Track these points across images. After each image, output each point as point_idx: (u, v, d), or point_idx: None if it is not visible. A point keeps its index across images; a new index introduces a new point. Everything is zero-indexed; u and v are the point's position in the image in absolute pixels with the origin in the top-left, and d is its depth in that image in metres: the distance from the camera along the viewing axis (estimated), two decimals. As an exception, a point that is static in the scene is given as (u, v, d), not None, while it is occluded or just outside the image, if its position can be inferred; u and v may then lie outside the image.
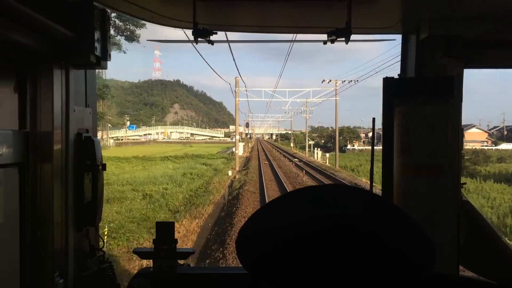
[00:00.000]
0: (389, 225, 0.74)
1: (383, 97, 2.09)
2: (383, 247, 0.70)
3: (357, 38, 2.62)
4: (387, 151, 2.09)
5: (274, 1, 1.82)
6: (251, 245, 0.76)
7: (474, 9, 1.91)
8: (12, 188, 1.50)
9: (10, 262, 1.50)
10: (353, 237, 0.70)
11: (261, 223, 0.78)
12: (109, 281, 1.87)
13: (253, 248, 0.75)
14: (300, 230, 0.72)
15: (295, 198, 0.81)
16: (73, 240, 1.65)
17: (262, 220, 0.79)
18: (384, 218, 0.75)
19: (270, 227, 0.75)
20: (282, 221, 0.75)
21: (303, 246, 0.70)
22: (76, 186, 1.68)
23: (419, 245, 0.73)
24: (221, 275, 1.98)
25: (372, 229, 0.72)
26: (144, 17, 2.06)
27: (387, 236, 0.72)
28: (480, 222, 1.91)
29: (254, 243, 0.76)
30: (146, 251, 1.95)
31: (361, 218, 0.73)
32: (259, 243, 0.75)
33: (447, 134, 1.91)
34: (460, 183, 1.98)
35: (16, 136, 1.49)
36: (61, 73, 1.59)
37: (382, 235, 0.71)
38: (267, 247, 0.73)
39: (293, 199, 0.81)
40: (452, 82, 1.91)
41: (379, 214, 0.75)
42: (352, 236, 0.70)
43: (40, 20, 1.36)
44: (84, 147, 1.72)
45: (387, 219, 0.75)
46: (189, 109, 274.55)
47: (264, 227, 0.77)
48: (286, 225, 0.74)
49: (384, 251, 0.70)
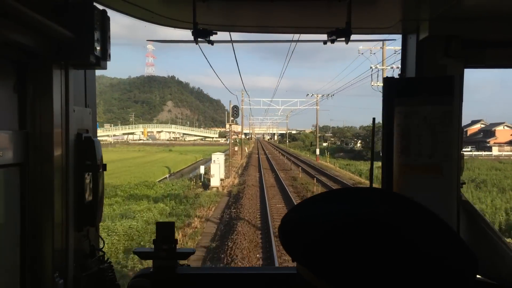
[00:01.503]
0: (432, 232, 0.76)
1: (383, 97, 2.09)
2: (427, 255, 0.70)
3: (357, 38, 2.61)
4: (387, 151, 2.08)
5: (274, 1, 1.82)
6: (299, 235, 0.77)
7: (474, 9, 1.91)
8: (12, 188, 1.50)
9: (10, 262, 1.50)
10: (397, 238, 0.71)
11: (306, 215, 0.80)
12: (109, 281, 1.87)
13: (301, 237, 0.76)
14: (346, 221, 0.74)
15: (337, 195, 0.85)
16: (73, 240, 1.65)
17: (306, 213, 0.81)
18: (427, 225, 0.77)
19: (317, 219, 0.77)
20: (329, 214, 0.77)
21: (349, 237, 0.71)
22: (76, 186, 1.68)
23: (462, 253, 0.74)
24: (221, 275, 1.98)
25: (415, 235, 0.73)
26: (144, 17, 2.06)
27: (431, 243, 0.73)
28: (480, 222, 1.91)
29: (301, 232, 0.77)
30: (146, 251, 1.95)
31: (404, 222, 0.75)
32: (307, 233, 0.76)
33: (447, 134, 1.91)
34: (460, 183, 1.98)
35: (16, 136, 1.49)
36: (61, 73, 1.59)
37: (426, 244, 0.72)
38: (315, 236, 0.74)
39: (334, 196, 0.85)
40: (452, 82, 1.91)
41: (422, 221, 0.78)
42: (395, 237, 0.71)
43: (40, 20, 1.36)
44: (84, 147, 1.72)
45: (430, 226, 0.77)
46: (184, 107, 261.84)
47: (310, 218, 0.79)
48: (333, 217, 0.76)
49: (427, 258, 0.70)
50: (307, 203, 0.84)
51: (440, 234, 0.76)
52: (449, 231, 0.77)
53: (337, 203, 0.81)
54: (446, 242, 0.75)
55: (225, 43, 26.03)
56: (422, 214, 0.79)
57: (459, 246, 0.75)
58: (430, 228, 0.76)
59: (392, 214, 0.75)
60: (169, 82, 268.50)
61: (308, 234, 0.75)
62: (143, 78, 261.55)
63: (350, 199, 0.82)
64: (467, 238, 1.95)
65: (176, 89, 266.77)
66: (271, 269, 2.87)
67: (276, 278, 1.93)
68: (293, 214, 0.82)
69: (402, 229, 0.72)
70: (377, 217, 0.74)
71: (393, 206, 0.79)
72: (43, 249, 1.55)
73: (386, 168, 2.09)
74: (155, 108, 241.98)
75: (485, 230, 1.89)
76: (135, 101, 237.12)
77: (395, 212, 0.77)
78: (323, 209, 0.80)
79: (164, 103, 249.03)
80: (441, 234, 0.76)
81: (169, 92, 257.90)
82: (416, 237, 0.72)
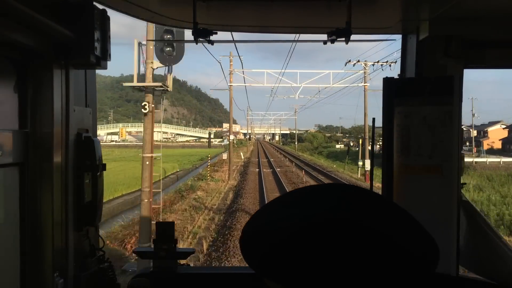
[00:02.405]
0: (392, 221, 0.75)
1: (383, 97, 2.09)
2: (389, 242, 0.70)
3: (357, 38, 2.61)
4: (387, 151, 2.09)
5: (274, 1, 1.82)
6: (256, 244, 0.76)
7: (474, 9, 1.91)
8: (12, 188, 1.50)
9: (10, 262, 1.50)
10: (357, 232, 0.70)
11: (264, 222, 0.79)
12: (109, 281, 1.87)
13: (258, 246, 0.75)
14: (301, 226, 0.72)
15: (294, 197, 0.82)
16: (73, 240, 1.65)
17: (264, 220, 0.79)
18: (387, 215, 0.76)
19: (273, 225, 0.76)
20: (285, 219, 0.76)
21: (306, 241, 0.70)
22: (76, 186, 1.68)
23: (423, 240, 0.74)
24: (221, 275, 1.98)
25: (376, 225, 0.72)
26: (144, 17, 2.06)
27: (391, 230, 0.72)
28: (480, 222, 1.91)
29: (258, 241, 0.76)
30: (146, 251, 1.95)
31: (364, 215, 0.73)
32: (263, 241, 0.75)
33: (447, 134, 1.91)
34: (460, 183, 1.98)
35: (16, 136, 1.49)
36: (61, 73, 1.59)
37: (387, 231, 0.72)
38: (271, 244, 0.73)
39: (292, 198, 0.82)
40: (452, 82, 1.91)
41: (382, 212, 0.76)
42: (356, 231, 0.70)
43: (40, 20, 1.36)
44: (84, 147, 1.72)
45: (390, 215, 0.76)
46: (181, 106, 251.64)
47: (267, 225, 0.77)
48: (288, 222, 0.75)
49: (389, 245, 0.70)
50: (266, 210, 0.82)
51: (399, 222, 0.75)
52: (408, 219, 0.76)
53: (293, 207, 0.79)
54: (406, 230, 0.74)
55: (225, 43, 26.06)
56: (381, 205, 0.78)
57: (418, 232, 0.74)
58: (389, 218, 0.75)
59: (350, 210, 0.74)
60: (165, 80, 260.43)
61: (264, 243, 0.74)
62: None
63: (306, 201, 0.79)
64: (467, 238, 1.94)
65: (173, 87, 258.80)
66: None
67: None
68: (251, 223, 0.81)
69: (362, 222, 0.72)
70: (333, 216, 0.73)
71: (351, 200, 0.77)
72: (43, 249, 1.55)
73: (386, 168, 2.09)
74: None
75: (485, 230, 1.89)
76: (126, 100, 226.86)
77: (352, 207, 0.75)
78: (279, 215, 0.78)
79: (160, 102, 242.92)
80: (400, 223, 0.75)
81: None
82: (376, 228, 0.71)
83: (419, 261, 0.70)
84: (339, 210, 0.74)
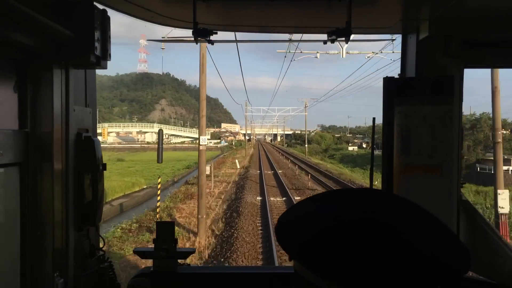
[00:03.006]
0: (417, 224, 0.78)
1: (383, 97, 2.09)
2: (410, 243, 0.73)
3: (357, 38, 2.61)
4: (387, 151, 2.09)
5: (274, 1, 1.82)
6: (295, 234, 0.80)
7: (474, 9, 1.91)
8: (12, 188, 1.50)
9: (10, 262, 1.50)
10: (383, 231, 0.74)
11: (301, 215, 0.84)
12: (109, 281, 1.87)
13: (297, 235, 0.79)
14: (337, 221, 0.77)
15: (332, 196, 0.88)
16: (73, 240, 1.65)
17: (302, 213, 0.84)
18: (415, 218, 0.80)
19: (311, 219, 0.81)
20: (321, 215, 0.80)
21: (339, 236, 0.74)
22: (76, 186, 1.68)
23: (455, 249, 0.76)
24: (221, 274, 1.98)
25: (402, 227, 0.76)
26: (144, 17, 2.06)
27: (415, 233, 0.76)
28: (480, 222, 1.91)
29: (297, 231, 0.80)
30: (146, 250, 1.95)
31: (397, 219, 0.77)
32: (302, 231, 0.79)
33: (447, 134, 1.91)
34: (460, 183, 1.98)
35: (16, 136, 1.49)
36: (61, 73, 1.60)
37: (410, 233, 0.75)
38: (308, 235, 0.77)
39: (329, 196, 0.88)
40: (452, 82, 1.91)
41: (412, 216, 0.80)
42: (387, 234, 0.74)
43: (40, 20, 1.36)
44: (84, 147, 1.72)
45: (417, 219, 0.80)
46: (179, 105, 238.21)
47: (305, 218, 0.82)
48: (324, 218, 0.79)
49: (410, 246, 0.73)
50: (304, 204, 0.87)
51: (433, 231, 0.79)
52: (443, 228, 0.80)
53: (333, 203, 0.84)
54: (440, 239, 0.77)
55: (225, 43, 26.03)
56: (417, 213, 0.82)
57: (452, 243, 0.77)
58: (424, 226, 0.79)
59: (388, 214, 0.78)
60: (164, 80, 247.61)
61: (304, 232, 0.78)
62: (133, 75, 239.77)
63: (347, 199, 0.85)
64: (467, 238, 1.95)
65: (170, 87, 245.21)
66: (271, 269, 2.89)
67: (276, 278, 1.93)
68: (290, 214, 0.86)
69: (397, 228, 0.75)
70: (372, 216, 0.77)
71: (389, 206, 0.82)
72: (43, 249, 1.55)
73: (386, 168, 2.09)
74: (146, 107, 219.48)
75: (485, 230, 1.89)
76: (121, 100, 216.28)
77: (390, 212, 0.79)
78: (319, 209, 0.83)
79: (157, 102, 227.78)
80: (434, 231, 0.79)
81: (163, 90, 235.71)
82: (410, 234, 0.75)
83: (442, 267, 0.71)
84: (376, 212, 0.78)
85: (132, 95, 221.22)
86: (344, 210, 0.80)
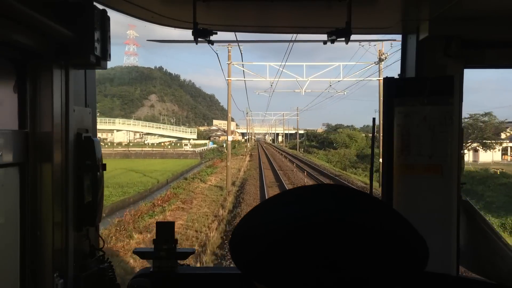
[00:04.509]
0: (381, 218, 0.75)
1: (383, 97, 2.09)
2: (379, 237, 0.71)
3: (357, 38, 2.61)
4: (387, 151, 2.09)
5: (274, 1, 1.82)
6: (245, 247, 0.76)
7: (474, 9, 1.91)
8: (12, 188, 1.50)
9: (10, 262, 1.50)
10: (344, 228, 0.70)
11: (253, 225, 0.79)
12: (109, 281, 1.87)
13: (247, 249, 0.75)
14: (288, 228, 0.72)
15: (285, 198, 0.82)
16: (73, 240, 1.65)
17: (253, 222, 0.79)
18: (374, 212, 0.76)
19: (262, 228, 0.76)
20: (273, 222, 0.76)
21: (293, 243, 0.70)
22: (76, 186, 1.68)
23: (413, 238, 0.74)
24: (221, 275, 1.98)
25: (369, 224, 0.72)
26: (144, 17, 2.06)
27: (380, 226, 0.73)
28: (480, 222, 1.91)
29: (247, 244, 0.76)
30: (146, 251, 1.95)
31: (352, 213, 0.73)
32: (252, 245, 0.75)
33: (447, 134, 1.92)
34: (460, 183, 1.98)
35: (16, 136, 1.49)
36: (61, 73, 1.59)
37: (376, 227, 0.72)
38: (259, 248, 0.73)
39: (282, 199, 0.82)
40: (452, 82, 1.91)
41: (370, 209, 0.77)
42: (343, 228, 0.70)
43: (40, 20, 1.36)
44: (84, 147, 1.72)
45: (377, 213, 0.76)
46: (171, 101, 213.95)
47: (256, 228, 0.77)
48: (276, 225, 0.75)
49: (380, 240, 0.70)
50: (257, 211, 0.82)
51: (391, 220, 0.75)
52: (398, 216, 0.76)
53: (284, 207, 0.79)
54: (399, 226, 0.74)
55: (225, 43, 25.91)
56: (371, 204, 0.78)
57: (409, 228, 0.75)
58: (381, 217, 0.75)
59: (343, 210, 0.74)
60: (155, 73, 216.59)
61: (254, 247, 0.74)
62: (119, 69, 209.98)
63: (299, 202, 0.79)
64: (467, 238, 1.95)
65: (162, 81, 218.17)
66: None
67: None
68: (242, 224, 0.80)
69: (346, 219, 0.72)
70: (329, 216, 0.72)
71: (343, 200, 0.77)
72: (43, 249, 1.55)
73: (386, 168, 2.09)
74: (133, 103, 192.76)
75: (485, 230, 1.89)
76: (104, 95, 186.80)
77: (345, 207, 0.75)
78: (270, 217, 0.78)
79: (146, 97, 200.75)
80: (393, 220, 0.75)
81: (153, 85, 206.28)
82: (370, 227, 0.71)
83: (411, 257, 0.70)
84: (334, 211, 0.73)
85: (114, 90, 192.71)
86: (292, 216, 0.74)
